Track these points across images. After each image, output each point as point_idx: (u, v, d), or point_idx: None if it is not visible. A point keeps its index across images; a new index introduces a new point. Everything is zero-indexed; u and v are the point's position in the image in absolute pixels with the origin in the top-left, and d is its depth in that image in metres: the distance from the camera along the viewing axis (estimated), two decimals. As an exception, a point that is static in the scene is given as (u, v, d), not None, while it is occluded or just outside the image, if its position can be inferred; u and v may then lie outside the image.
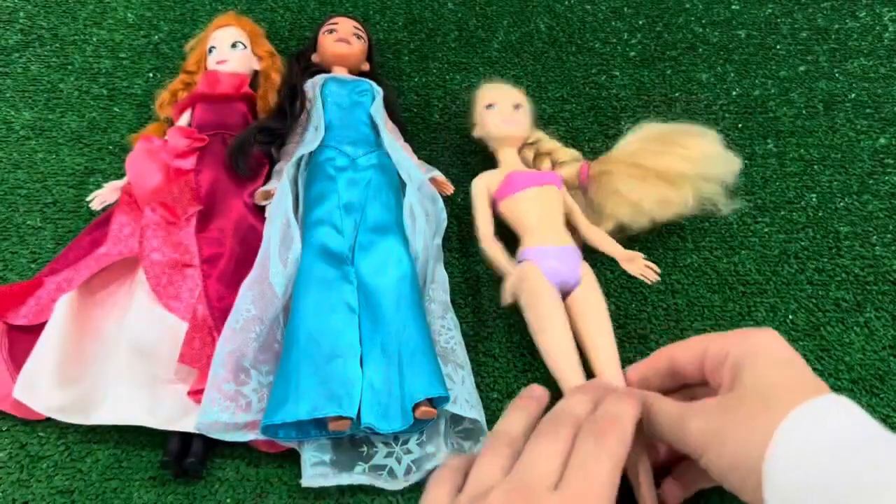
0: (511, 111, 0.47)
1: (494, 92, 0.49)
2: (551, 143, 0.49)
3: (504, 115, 0.47)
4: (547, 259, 0.40)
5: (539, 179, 0.44)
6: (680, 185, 0.42)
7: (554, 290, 0.40)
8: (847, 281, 0.44)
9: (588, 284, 0.41)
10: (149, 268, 0.41)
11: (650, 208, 0.43)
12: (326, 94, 0.50)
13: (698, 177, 0.42)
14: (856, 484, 0.20)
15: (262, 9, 0.64)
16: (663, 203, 0.43)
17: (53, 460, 0.37)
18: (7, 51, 0.59)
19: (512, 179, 0.44)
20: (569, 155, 0.48)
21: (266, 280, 0.41)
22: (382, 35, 0.62)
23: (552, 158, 0.48)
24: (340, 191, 0.45)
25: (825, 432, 0.22)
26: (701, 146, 0.42)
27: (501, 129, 0.47)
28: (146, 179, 0.45)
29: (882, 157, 0.51)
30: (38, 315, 0.41)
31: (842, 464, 0.21)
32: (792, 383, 0.25)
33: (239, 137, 0.46)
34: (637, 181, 0.43)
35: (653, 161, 0.42)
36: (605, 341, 0.38)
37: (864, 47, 0.58)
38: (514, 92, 0.49)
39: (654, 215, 0.43)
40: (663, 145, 0.43)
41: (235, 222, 0.44)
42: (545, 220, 0.43)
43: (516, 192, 0.44)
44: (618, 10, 0.63)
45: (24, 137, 0.53)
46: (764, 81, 0.56)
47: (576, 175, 0.47)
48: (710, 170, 0.42)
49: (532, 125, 0.49)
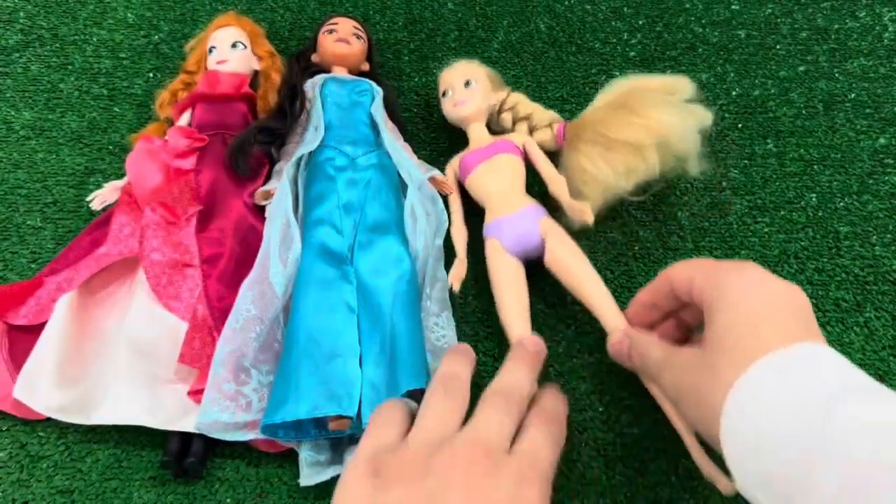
0: (462, 91, 0.48)
1: (446, 76, 0.50)
2: (529, 105, 0.49)
3: (455, 97, 0.48)
4: (502, 230, 0.42)
5: (487, 153, 0.45)
6: (644, 151, 0.42)
7: (512, 260, 0.41)
8: (847, 281, 0.44)
9: (553, 242, 0.41)
10: (149, 268, 0.41)
11: (616, 181, 0.43)
12: (326, 94, 0.50)
13: (661, 146, 0.43)
14: (803, 452, 0.19)
15: (262, 9, 0.64)
16: (630, 172, 0.43)
17: (53, 460, 0.37)
18: (7, 51, 0.59)
19: (464, 161, 0.46)
20: (546, 118, 0.48)
21: (266, 280, 0.41)
22: (382, 35, 0.62)
23: (529, 122, 0.48)
24: (340, 191, 0.45)
25: (782, 388, 0.21)
26: (661, 117, 0.42)
27: (452, 114, 0.48)
28: (146, 179, 0.45)
29: (882, 157, 0.51)
30: (38, 315, 0.41)
31: (792, 423, 0.20)
32: (761, 331, 0.23)
33: (239, 137, 0.46)
34: (602, 150, 0.43)
35: (615, 132, 0.43)
36: (592, 288, 0.39)
37: (864, 47, 0.58)
38: (466, 68, 0.49)
39: (621, 186, 0.44)
40: (626, 113, 0.43)
41: (235, 222, 0.44)
42: (498, 192, 0.44)
43: (470, 172, 0.45)
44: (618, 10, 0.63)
45: (25, 137, 0.53)
46: (764, 81, 0.56)
47: (553, 138, 0.47)
48: (672, 138, 0.42)
49: (504, 89, 0.50)
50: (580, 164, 0.44)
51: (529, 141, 0.47)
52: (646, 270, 0.45)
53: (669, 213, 0.48)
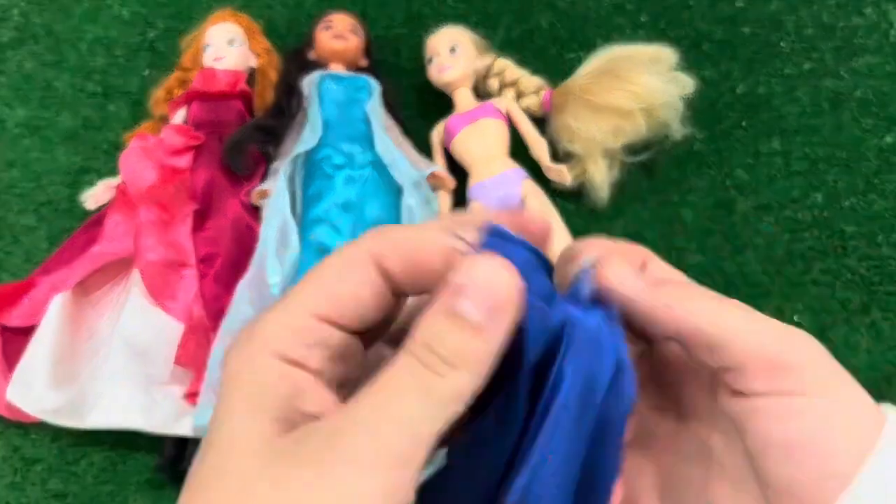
0: (447, 56, 0.48)
1: (432, 42, 0.50)
2: (516, 71, 0.50)
3: (440, 62, 0.48)
4: (485, 192, 0.43)
5: (470, 117, 0.46)
6: (631, 115, 0.44)
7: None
8: (853, 281, 0.44)
9: (532, 203, 0.42)
10: (144, 268, 0.40)
11: (603, 138, 0.44)
12: (323, 92, 0.49)
13: (646, 110, 0.44)
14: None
15: (258, 5, 0.63)
16: (617, 132, 0.44)
17: (47, 463, 0.37)
18: (1, 48, 0.58)
19: (448, 126, 0.47)
20: (533, 84, 0.49)
21: (263, 280, 0.40)
22: (381, 31, 0.61)
23: (516, 89, 0.49)
24: (338, 189, 0.44)
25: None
26: (646, 83, 0.44)
27: (437, 79, 0.49)
28: (141, 178, 0.44)
29: (888, 155, 0.50)
30: (32, 316, 0.40)
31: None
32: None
33: (235, 135, 0.46)
34: (590, 112, 0.44)
35: (602, 98, 0.44)
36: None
37: (871, 45, 0.57)
38: (451, 33, 0.50)
39: (608, 144, 0.45)
40: (613, 79, 0.45)
41: (232, 221, 0.44)
42: (481, 155, 0.45)
43: (454, 137, 0.46)
44: (620, 7, 0.62)
45: (18, 136, 0.52)
46: (769, 79, 0.55)
47: (539, 104, 0.48)
48: (657, 102, 0.44)
49: (490, 54, 0.50)
50: (567, 123, 0.45)
51: (513, 104, 0.48)
52: (649, 271, 0.45)
53: (674, 212, 0.48)
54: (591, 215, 0.47)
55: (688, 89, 0.46)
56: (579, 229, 0.44)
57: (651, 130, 0.45)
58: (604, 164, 0.45)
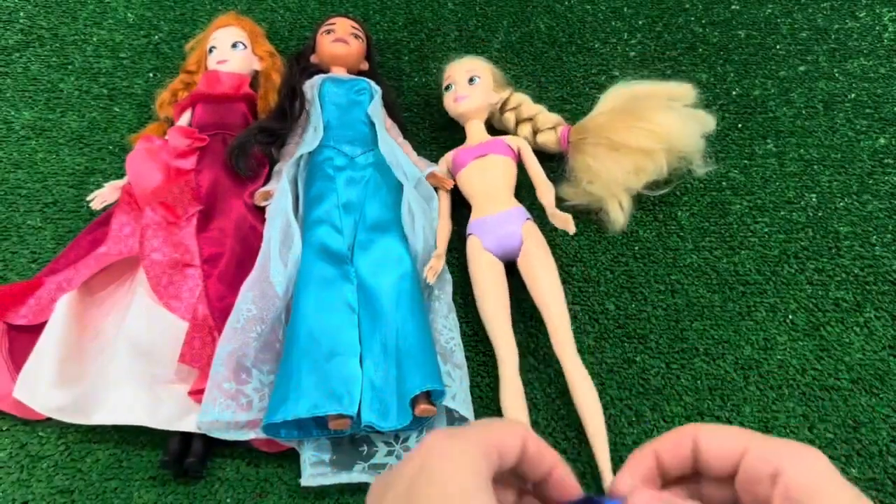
0: (465, 87, 0.48)
1: (451, 70, 0.50)
2: (533, 107, 0.50)
3: (457, 92, 0.48)
4: (485, 229, 0.43)
5: (480, 151, 0.46)
6: (652, 154, 0.44)
7: (491, 259, 0.42)
8: (847, 281, 0.44)
9: (529, 246, 0.41)
10: (149, 267, 0.41)
11: (625, 179, 0.44)
12: (324, 95, 0.50)
13: (666, 150, 0.44)
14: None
15: (262, 9, 0.64)
16: (639, 171, 0.44)
17: (53, 460, 0.37)
18: (7, 51, 0.59)
19: (457, 156, 0.47)
20: (550, 120, 0.48)
21: (267, 280, 0.41)
22: (382, 35, 0.62)
23: (533, 124, 0.49)
24: (339, 190, 0.45)
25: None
26: (666, 122, 0.43)
27: (452, 109, 0.49)
28: (146, 179, 0.45)
29: (882, 157, 0.51)
30: (38, 315, 0.41)
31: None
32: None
33: (239, 137, 0.46)
34: (609, 152, 0.44)
35: (622, 137, 0.44)
36: (551, 300, 0.39)
37: (864, 47, 0.58)
38: (471, 64, 0.50)
39: (629, 185, 0.44)
40: (631, 119, 0.44)
41: (236, 222, 0.44)
42: (486, 191, 0.45)
43: (462, 168, 0.46)
44: (618, 11, 0.63)
45: (25, 137, 0.53)
46: (764, 81, 0.56)
47: (556, 141, 0.48)
48: (677, 143, 0.44)
49: (507, 89, 0.50)
50: (586, 163, 0.45)
51: (524, 144, 0.47)
52: (645, 271, 0.45)
53: (669, 212, 0.48)
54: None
55: (709, 127, 0.45)
56: (579, 232, 0.44)
57: (672, 167, 0.44)
58: (625, 204, 0.45)
